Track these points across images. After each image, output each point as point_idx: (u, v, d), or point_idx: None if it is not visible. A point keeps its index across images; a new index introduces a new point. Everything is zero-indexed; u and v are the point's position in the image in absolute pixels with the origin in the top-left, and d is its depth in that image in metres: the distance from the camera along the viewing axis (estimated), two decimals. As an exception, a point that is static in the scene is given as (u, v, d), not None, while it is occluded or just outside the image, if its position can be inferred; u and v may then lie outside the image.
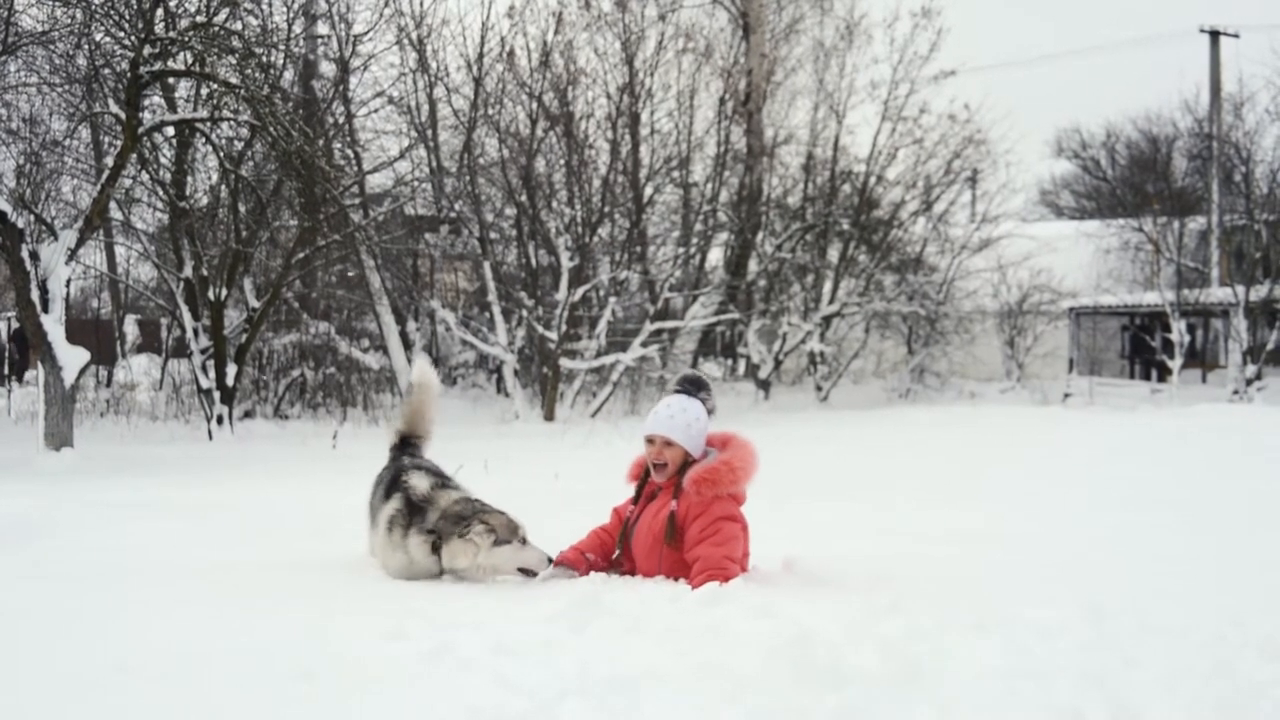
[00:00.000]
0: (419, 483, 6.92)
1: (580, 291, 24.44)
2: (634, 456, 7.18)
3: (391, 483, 7.05)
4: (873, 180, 30.70)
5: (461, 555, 6.61)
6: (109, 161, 17.67)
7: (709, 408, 6.90)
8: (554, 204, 25.82)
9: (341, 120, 23.56)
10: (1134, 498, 11.58)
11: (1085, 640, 5.25)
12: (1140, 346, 36.98)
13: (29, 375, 25.16)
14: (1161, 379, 33.24)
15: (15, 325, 25.60)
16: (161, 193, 20.69)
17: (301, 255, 21.52)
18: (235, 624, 5.56)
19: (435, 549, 6.66)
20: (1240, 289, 30.61)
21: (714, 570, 6.33)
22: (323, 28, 23.63)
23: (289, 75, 21.40)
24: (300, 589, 6.43)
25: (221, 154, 19.71)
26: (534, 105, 25.77)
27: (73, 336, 16.61)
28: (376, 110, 24.56)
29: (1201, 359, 37.07)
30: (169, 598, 6.20)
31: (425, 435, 7.91)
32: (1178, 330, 30.33)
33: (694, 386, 6.95)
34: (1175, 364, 30.16)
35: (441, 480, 7.07)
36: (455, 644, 5.11)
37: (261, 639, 5.28)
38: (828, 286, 30.62)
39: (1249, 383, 29.71)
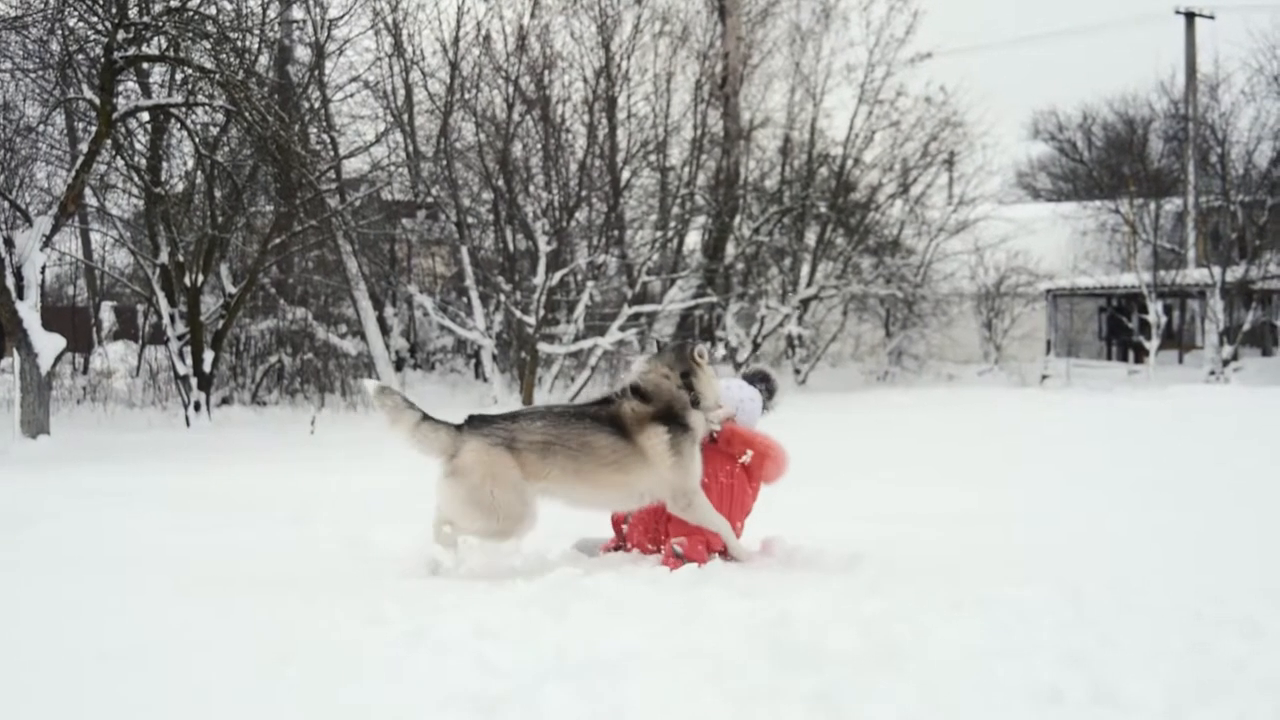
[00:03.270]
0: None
1: (558, 276, 24.38)
2: None
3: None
4: (850, 163, 30.63)
5: (707, 385, 6.94)
6: (83, 147, 17.55)
7: (766, 405, 7.56)
8: (531, 188, 25.72)
9: (317, 105, 23.44)
10: (1112, 478, 11.62)
11: (1065, 620, 5.27)
12: (1117, 328, 37.03)
13: (4, 363, 25.02)
14: (1139, 360, 33.28)
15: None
16: (137, 178, 20.56)
17: (278, 241, 21.43)
18: (215, 610, 5.56)
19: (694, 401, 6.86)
20: (1216, 270, 30.71)
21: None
22: (298, 12, 23.48)
23: (264, 60, 21.28)
24: (279, 575, 6.43)
25: (197, 139, 19.58)
26: (510, 89, 25.67)
27: (48, 323, 16.52)
28: (352, 95, 24.45)
29: (1178, 340, 37.13)
30: (148, 585, 6.19)
31: None
32: (1154, 311, 30.41)
33: (759, 380, 7.60)
34: (1152, 345, 30.24)
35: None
36: (434, 627, 5.12)
37: (241, 624, 5.28)
38: (805, 269, 30.56)
39: (1225, 363, 29.80)
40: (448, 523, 6.59)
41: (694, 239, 30.88)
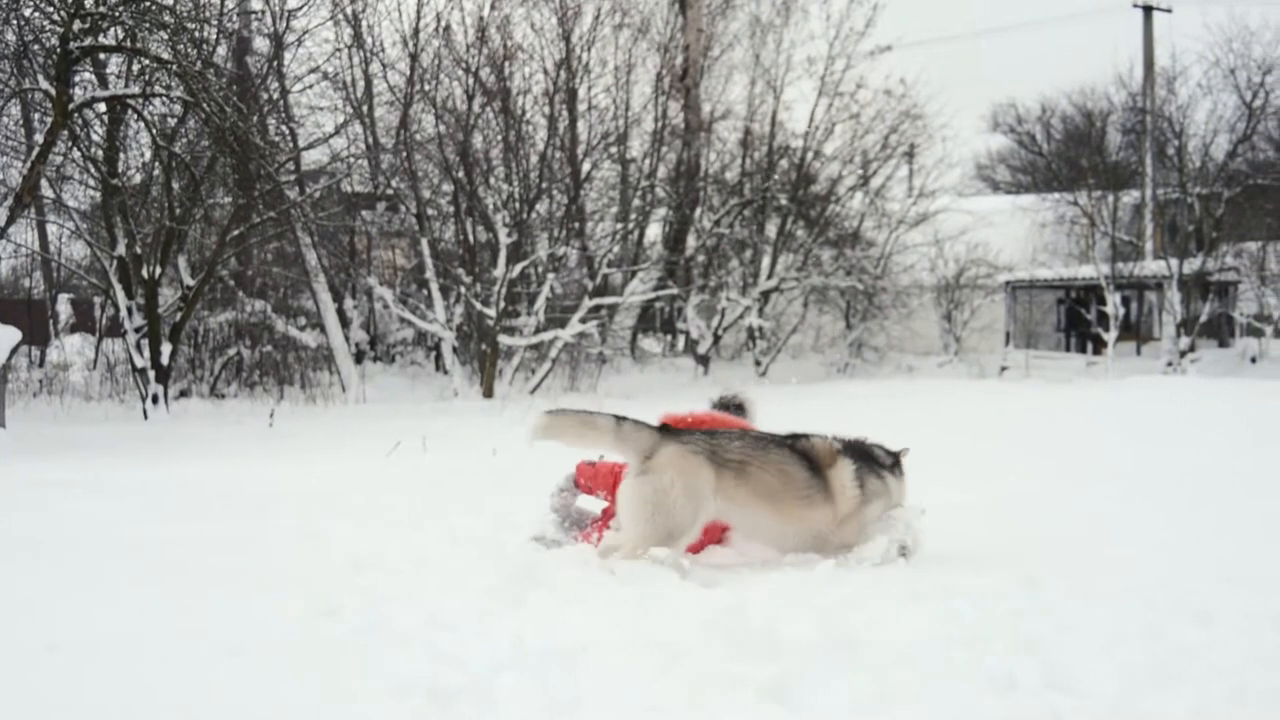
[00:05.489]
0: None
1: (518, 268, 24.35)
2: None
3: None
4: (810, 155, 30.73)
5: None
6: (39, 138, 17.43)
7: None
8: (491, 180, 25.69)
9: (276, 96, 23.32)
10: (1070, 468, 11.68)
11: (1019, 607, 5.29)
12: (1076, 319, 37.27)
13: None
14: (1097, 352, 33.52)
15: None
16: (93, 170, 20.42)
17: (236, 233, 21.31)
18: (169, 601, 5.52)
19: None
20: (1173, 262, 30.94)
21: None
22: (256, 3, 23.37)
23: (222, 51, 21.15)
24: (235, 566, 6.39)
25: (154, 130, 19.46)
26: (471, 81, 25.61)
27: (4, 316, 16.44)
28: (311, 86, 24.32)
29: (1136, 332, 37.36)
30: (101, 576, 6.14)
31: None
32: (1112, 303, 30.61)
33: (725, 409, 7.52)
34: (1110, 337, 30.43)
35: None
36: (389, 618, 5.10)
37: (196, 616, 5.24)
38: (766, 262, 30.65)
39: (1182, 355, 30.04)
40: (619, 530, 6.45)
41: (655, 231, 30.97)
